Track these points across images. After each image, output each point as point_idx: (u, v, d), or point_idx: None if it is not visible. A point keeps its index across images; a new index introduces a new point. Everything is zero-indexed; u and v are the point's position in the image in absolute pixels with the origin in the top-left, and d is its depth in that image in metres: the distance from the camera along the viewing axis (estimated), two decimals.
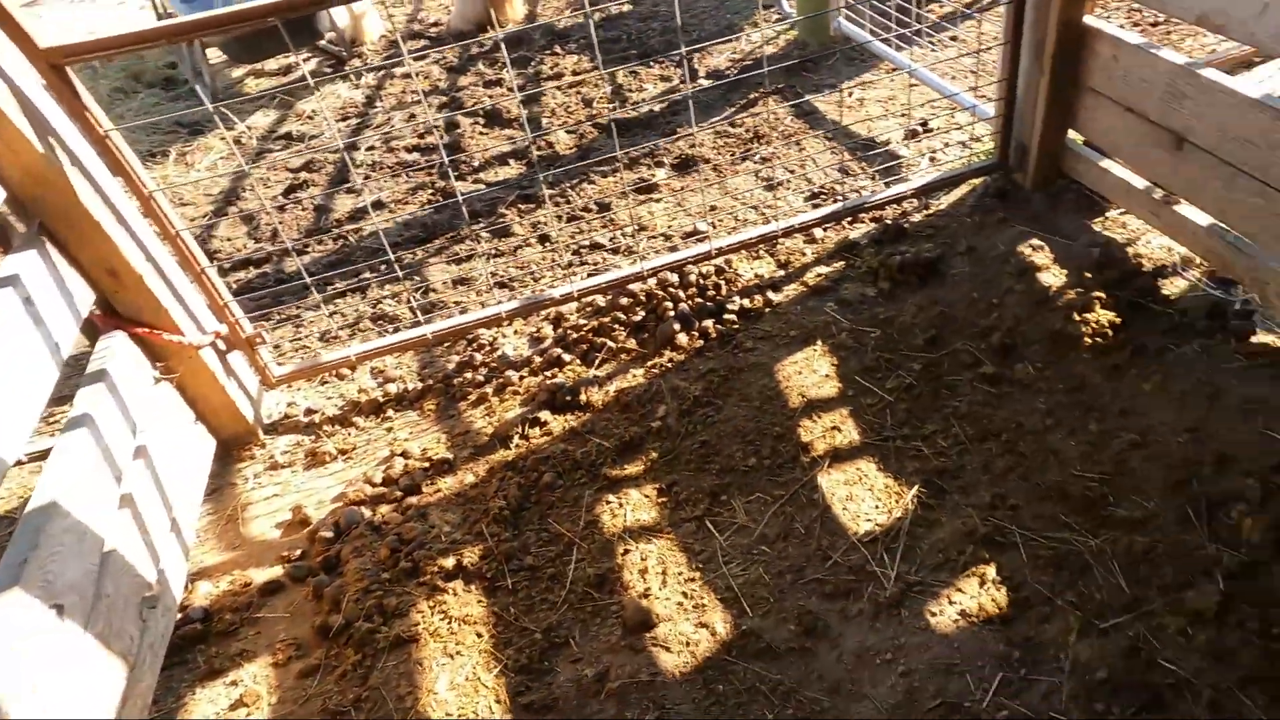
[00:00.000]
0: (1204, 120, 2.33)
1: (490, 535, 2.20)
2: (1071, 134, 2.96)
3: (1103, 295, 2.53)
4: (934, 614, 1.90)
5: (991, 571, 1.95)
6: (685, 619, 1.97)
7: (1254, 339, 2.31)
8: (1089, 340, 2.45)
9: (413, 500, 2.33)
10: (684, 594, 2.03)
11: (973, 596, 1.91)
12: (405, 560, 2.11)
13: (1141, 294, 2.55)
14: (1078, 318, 2.50)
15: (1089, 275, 2.63)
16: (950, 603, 1.91)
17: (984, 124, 3.38)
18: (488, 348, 2.91)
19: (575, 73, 4.76)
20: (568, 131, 4.24)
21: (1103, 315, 2.49)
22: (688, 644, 1.91)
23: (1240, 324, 2.36)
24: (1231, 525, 1.91)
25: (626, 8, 5.46)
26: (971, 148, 3.43)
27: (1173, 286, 2.56)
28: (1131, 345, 2.40)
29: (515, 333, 2.99)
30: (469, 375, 2.80)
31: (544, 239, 3.50)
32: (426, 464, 2.45)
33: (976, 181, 3.21)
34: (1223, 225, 2.44)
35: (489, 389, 2.73)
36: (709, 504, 2.24)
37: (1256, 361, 2.25)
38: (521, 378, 2.74)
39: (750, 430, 2.42)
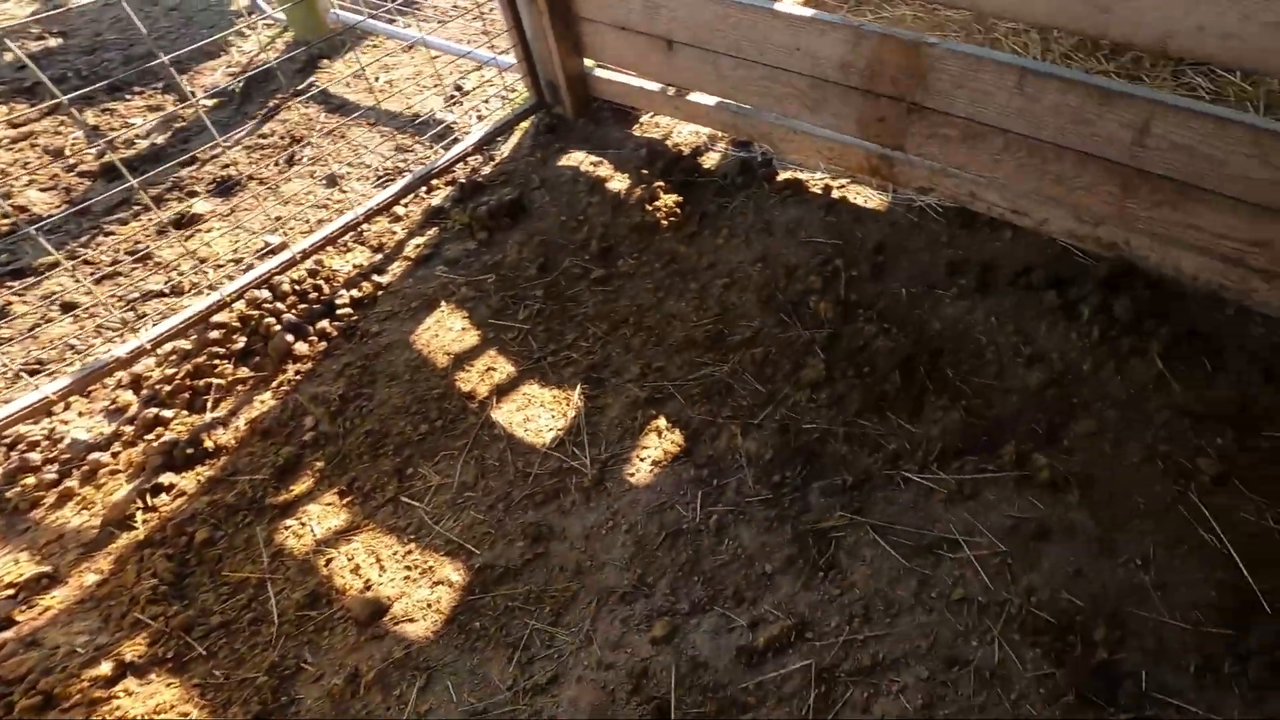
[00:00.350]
0: (679, 21, 2.98)
1: (152, 618, 1.94)
2: (588, 61, 3.51)
3: (662, 184, 3.10)
4: (632, 474, 2.21)
5: (662, 422, 2.32)
6: (418, 587, 1.99)
7: (779, 178, 3.05)
8: (665, 222, 2.99)
9: (8, 634, 1.93)
10: (407, 568, 2.04)
11: (656, 447, 2.26)
12: (28, 697, 1.76)
13: (689, 173, 3.18)
14: (650, 207, 3.03)
15: (645, 171, 3.19)
16: (641, 460, 2.24)
17: (512, 73, 3.82)
18: (46, 442, 2.48)
19: (15, 124, 4.14)
20: (42, 189, 3.71)
21: (667, 199, 3.05)
22: (429, 606, 1.94)
23: (766, 170, 3.10)
24: (812, 313, 2.54)
25: (55, 42, 4.88)
26: (509, 97, 3.86)
27: (710, 160, 3.24)
28: (697, 214, 2.99)
29: (81, 414, 2.59)
30: (31, 480, 2.37)
31: (69, 307, 3.07)
32: (12, 590, 2.04)
33: (526, 125, 3.63)
34: (725, 100, 3.16)
35: (73, 482, 2.34)
36: (397, 482, 2.26)
37: (785, 194, 2.98)
38: (115, 454, 2.41)
39: (411, 402, 2.48)
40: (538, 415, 2.42)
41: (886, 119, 2.67)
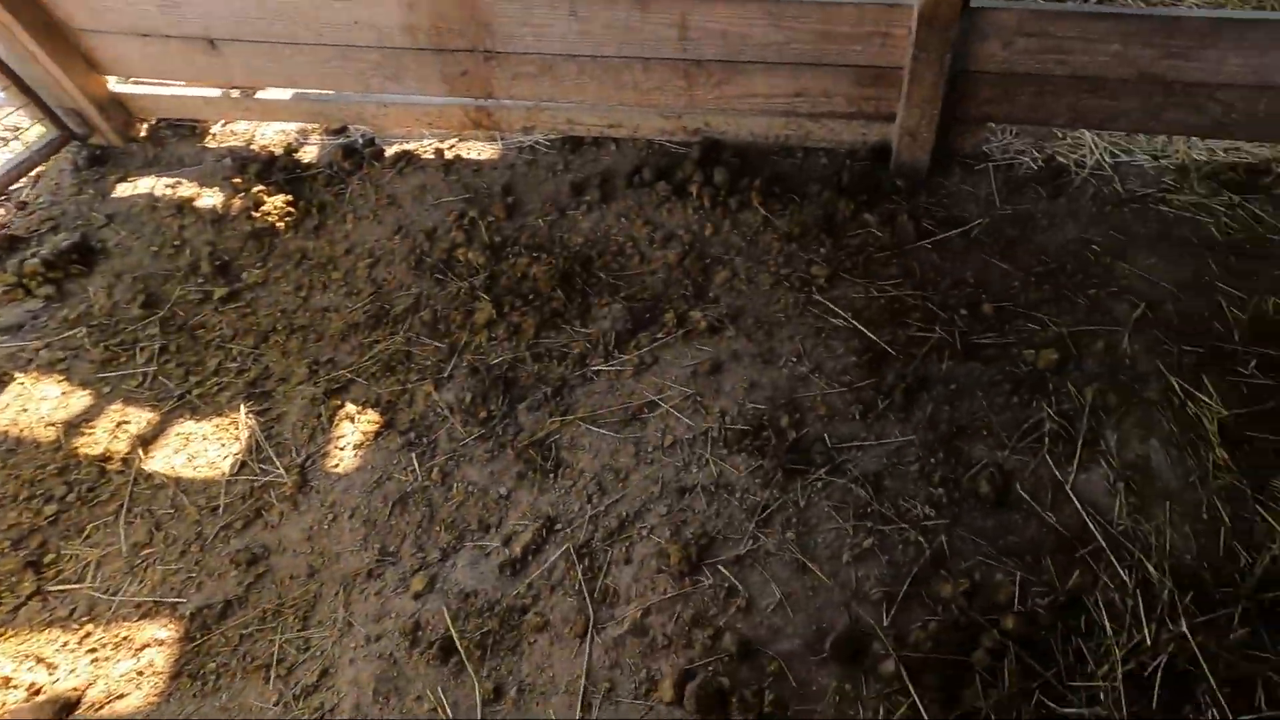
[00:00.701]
0: (212, 16, 2.90)
1: None
2: (113, 78, 3.27)
3: (263, 188, 3.03)
4: (337, 465, 2.20)
5: (351, 408, 2.33)
6: (116, 664, 1.81)
7: (388, 154, 3.14)
8: (281, 223, 2.94)
9: None
10: (91, 650, 1.84)
11: (354, 432, 2.27)
12: None
13: (290, 171, 3.14)
14: (258, 213, 2.96)
15: (238, 180, 3.09)
16: (341, 449, 2.23)
17: (5, 107, 3.38)
18: None
19: None
20: None
21: (276, 201, 3.00)
22: (141, 673, 1.78)
23: (372, 149, 3.17)
24: (464, 264, 2.70)
25: None
26: (18, 137, 3.45)
27: (308, 154, 3.22)
28: (314, 208, 2.99)
29: None
30: None
31: None
32: None
33: (54, 162, 3.28)
34: (301, 90, 3.17)
35: None
36: (33, 577, 2.01)
37: (400, 167, 3.08)
38: None
39: (19, 488, 2.21)
40: (204, 449, 2.28)
41: (469, 71, 2.91)
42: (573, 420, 2.22)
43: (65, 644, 1.85)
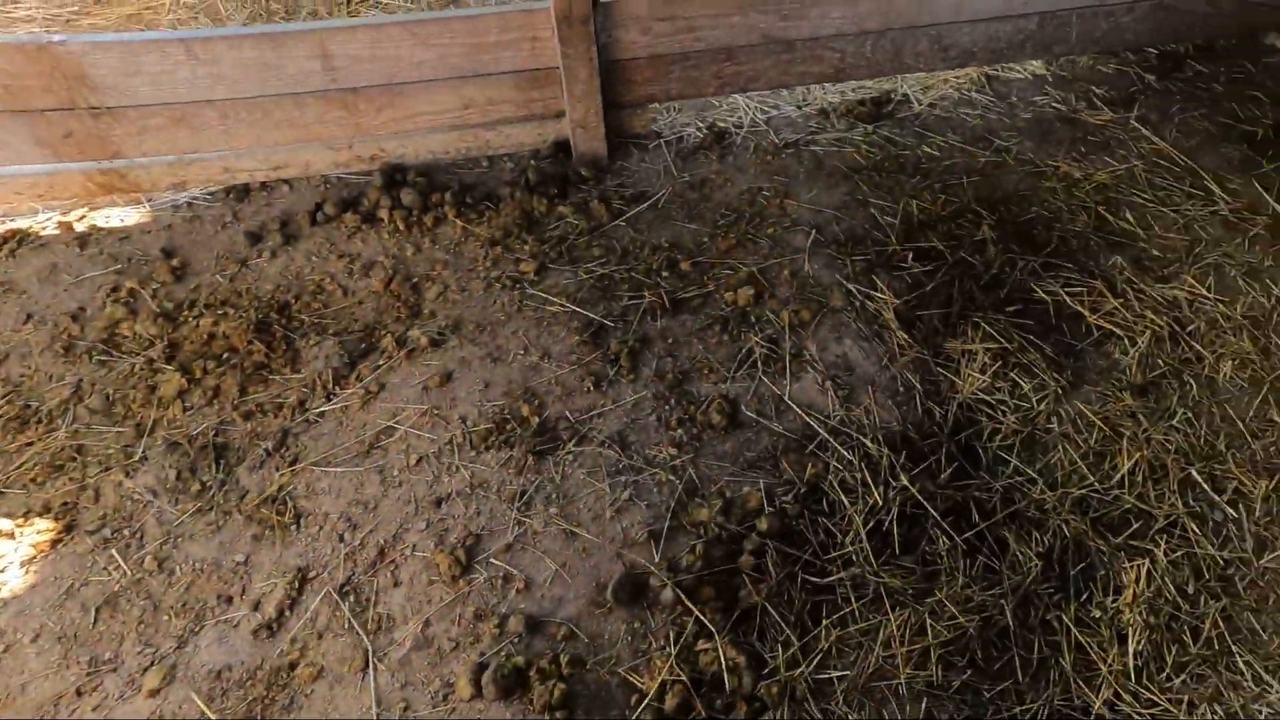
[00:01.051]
0: None
1: None
2: None
3: None
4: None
5: (7, 523, 2.13)
6: None
7: None
8: None
9: None
10: None
11: (19, 546, 2.08)
12: None
13: None
14: None
15: None
16: (1, 571, 2.04)
17: None
18: None
19: None
20: None
21: None
22: None
23: None
24: (134, 339, 2.55)
25: None
26: None
27: None
28: None
29: None
30: None
31: None
32: None
33: None
34: None
35: None
36: None
37: (14, 248, 2.81)
38: None
39: None
40: None
41: (75, 133, 2.73)
42: (304, 467, 2.20)
43: None
